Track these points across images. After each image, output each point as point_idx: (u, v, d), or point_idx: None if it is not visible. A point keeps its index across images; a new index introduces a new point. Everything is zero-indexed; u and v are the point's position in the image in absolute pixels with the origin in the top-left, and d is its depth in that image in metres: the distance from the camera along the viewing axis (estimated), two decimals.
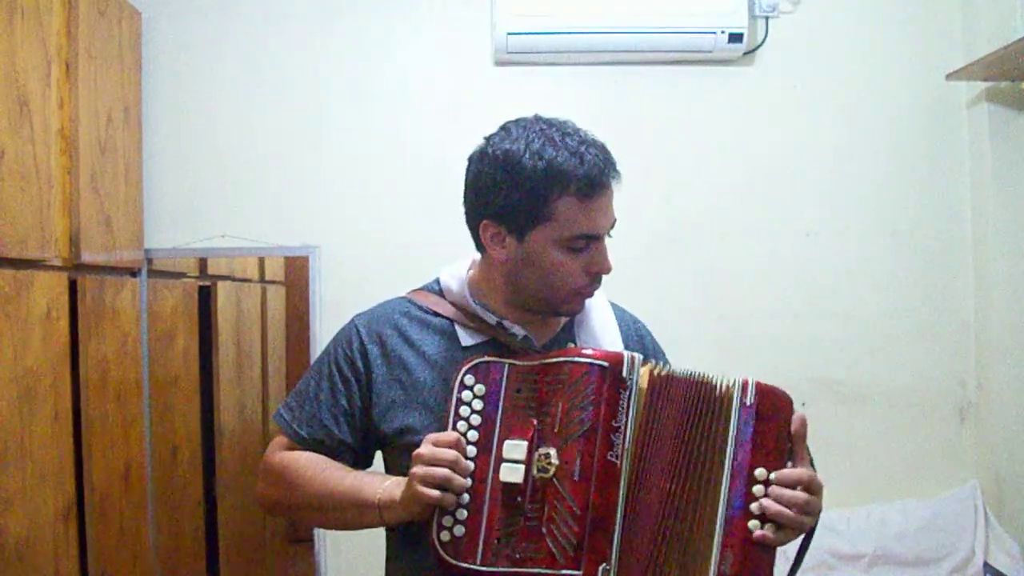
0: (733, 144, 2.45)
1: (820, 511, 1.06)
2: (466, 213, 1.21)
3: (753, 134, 2.45)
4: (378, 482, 1.11)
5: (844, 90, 2.46)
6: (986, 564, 2.21)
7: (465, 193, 1.20)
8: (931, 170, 2.47)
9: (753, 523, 1.02)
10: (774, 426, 1.05)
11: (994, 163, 2.36)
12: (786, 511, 1.01)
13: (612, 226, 1.17)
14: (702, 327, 2.41)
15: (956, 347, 2.45)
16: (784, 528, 1.03)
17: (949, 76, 2.32)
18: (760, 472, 1.03)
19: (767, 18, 2.43)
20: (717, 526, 1.02)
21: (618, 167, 1.16)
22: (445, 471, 1.01)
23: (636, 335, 1.31)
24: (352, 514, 1.12)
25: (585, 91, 2.41)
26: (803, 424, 1.07)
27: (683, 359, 1.12)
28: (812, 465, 1.08)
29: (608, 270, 1.17)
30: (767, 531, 1.02)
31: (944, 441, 2.44)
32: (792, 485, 1.03)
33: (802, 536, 1.07)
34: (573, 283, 1.15)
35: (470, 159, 1.19)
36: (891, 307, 2.45)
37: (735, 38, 2.33)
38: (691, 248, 2.44)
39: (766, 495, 1.02)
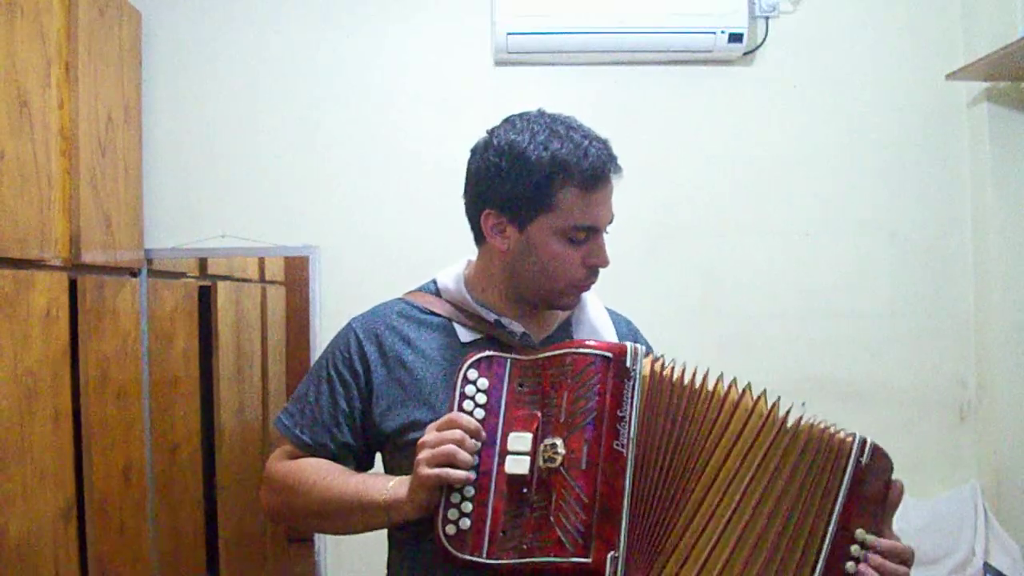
0: (733, 144, 2.45)
1: None
2: (467, 203, 1.22)
3: (753, 134, 2.45)
4: (382, 483, 1.11)
5: (844, 90, 2.46)
6: (986, 564, 2.21)
7: (467, 183, 1.21)
8: (931, 170, 2.46)
9: None
10: (878, 489, 1.07)
11: (994, 163, 2.36)
12: None
13: (610, 222, 1.19)
14: (701, 327, 2.41)
15: (956, 347, 2.45)
16: None
17: (949, 76, 2.32)
18: (860, 533, 1.05)
19: (767, 18, 2.44)
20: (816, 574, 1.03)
21: (619, 162, 1.17)
22: (451, 448, 1.01)
23: (631, 336, 1.32)
24: (358, 517, 1.12)
25: (585, 91, 2.41)
26: (901, 493, 1.09)
27: (682, 359, 1.12)
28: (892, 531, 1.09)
29: (606, 264, 1.18)
30: None
31: (944, 441, 2.44)
32: (896, 558, 1.04)
33: None
34: (571, 275, 1.16)
35: (473, 150, 1.21)
36: (891, 307, 2.45)
37: (735, 38, 2.33)
38: (691, 248, 2.44)
39: (861, 558, 1.03)
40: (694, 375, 1.08)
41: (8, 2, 1.62)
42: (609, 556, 0.98)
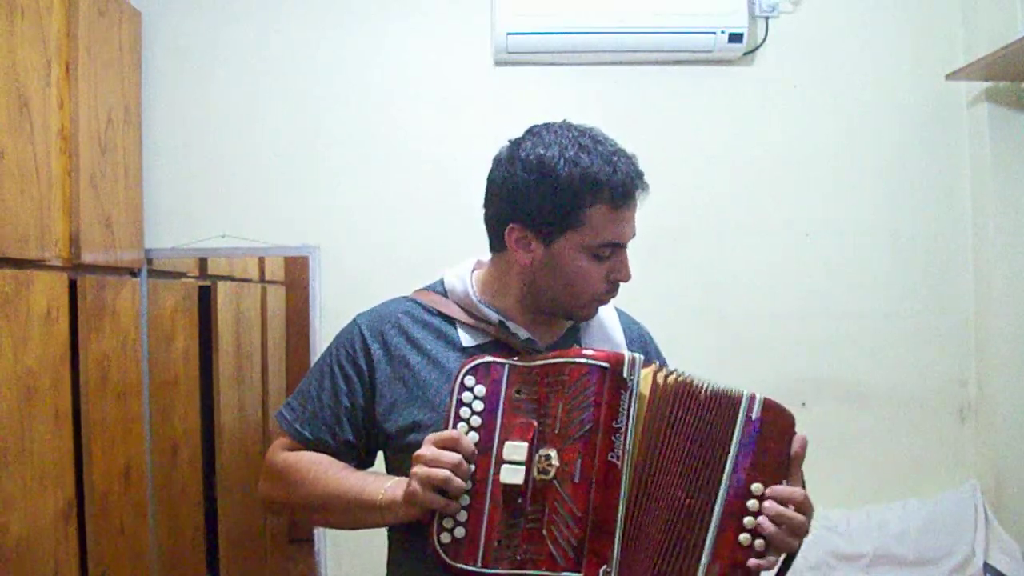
0: (733, 144, 2.45)
1: (807, 534, 1.06)
2: (491, 215, 1.20)
3: (753, 134, 2.45)
4: (380, 483, 1.11)
5: (844, 90, 2.46)
6: (986, 564, 2.21)
7: (490, 195, 1.20)
8: (931, 170, 2.46)
9: (744, 537, 1.03)
10: (775, 444, 1.06)
11: (994, 163, 2.36)
12: (776, 529, 1.03)
13: (633, 237, 1.19)
14: (702, 327, 2.41)
15: (956, 347, 2.45)
16: (771, 547, 1.04)
17: (949, 76, 2.32)
18: (756, 487, 1.04)
19: (767, 18, 2.44)
20: (709, 536, 1.03)
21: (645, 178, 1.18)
22: (446, 473, 1.01)
23: (640, 340, 1.32)
24: (354, 514, 1.12)
25: (585, 91, 2.41)
26: (804, 446, 1.08)
27: (683, 359, 1.12)
28: (804, 488, 1.08)
29: (628, 279, 1.18)
30: (756, 546, 1.03)
31: (944, 441, 2.44)
32: (785, 503, 1.04)
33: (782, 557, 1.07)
34: (594, 290, 1.17)
35: (497, 160, 1.19)
36: (891, 307, 2.45)
37: (735, 38, 2.33)
38: (691, 248, 2.44)
39: (760, 511, 1.03)
40: (691, 384, 1.06)
41: (8, 2, 1.62)
42: (601, 571, 0.98)
